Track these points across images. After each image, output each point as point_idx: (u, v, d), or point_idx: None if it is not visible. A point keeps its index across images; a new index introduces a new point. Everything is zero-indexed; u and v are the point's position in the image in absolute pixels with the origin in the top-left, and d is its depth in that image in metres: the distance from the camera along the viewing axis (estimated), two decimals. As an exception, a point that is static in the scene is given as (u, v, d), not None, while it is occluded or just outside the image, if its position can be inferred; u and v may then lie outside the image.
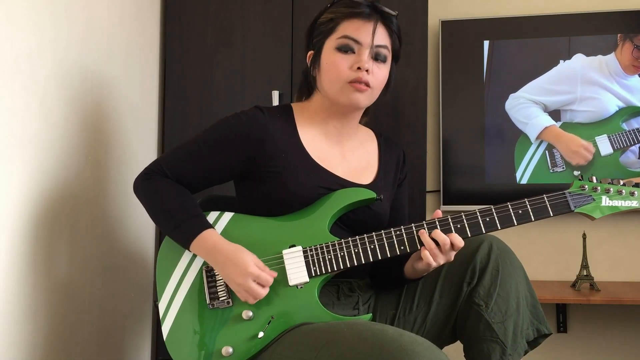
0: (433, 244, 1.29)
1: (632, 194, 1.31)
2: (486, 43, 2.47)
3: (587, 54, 2.39)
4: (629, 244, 2.41)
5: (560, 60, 2.39)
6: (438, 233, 1.29)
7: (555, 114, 2.41)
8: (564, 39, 2.42)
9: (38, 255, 1.52)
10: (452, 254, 1.31)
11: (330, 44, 1.40)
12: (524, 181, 2.41)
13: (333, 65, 1.38)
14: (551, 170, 2.39)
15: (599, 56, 2.38)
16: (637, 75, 2.35)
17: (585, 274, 2.25)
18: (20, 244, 1.45)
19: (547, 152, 2.40)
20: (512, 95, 2.43)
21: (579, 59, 2.39)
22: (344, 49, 1.38)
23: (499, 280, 1.33)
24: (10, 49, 1.41)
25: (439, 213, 1.34)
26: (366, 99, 1.41)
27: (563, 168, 2.38)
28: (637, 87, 2.35)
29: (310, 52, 1.46)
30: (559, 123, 2.40)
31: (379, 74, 1.40)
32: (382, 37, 1.40)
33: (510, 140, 2.43)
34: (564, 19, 2.42)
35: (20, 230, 1.45)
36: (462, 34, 2.49)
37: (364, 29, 1.37)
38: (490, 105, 2.46)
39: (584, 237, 2.26)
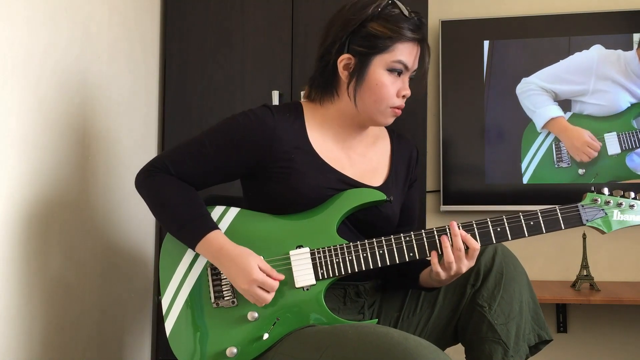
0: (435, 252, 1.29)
1: None
2: (486, 43, 2.47)
3: (607, 46, 2.37)
4: (629, 244, 2.41)
5: (576, 52, 2.36)
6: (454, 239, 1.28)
7: (565, 104, 2.39)
8: (564, 39, 2.42)
9: (36, 256, 1.52)
10: (466, 261, 1.28)
11: (382, 62, 1.34)
12: (528, 175, 2.40)
13: (383, 87, 1.35)
14: (556, 165, 2.39)
15: (619, 50, 2.35)
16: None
17: (585, 274, 2.25)
18: (18, 244, 1.45)
19: (553, 144, 2.39)
20: (524, 80, 2.41)
21: (597, 50, 2.37)
22: (395, 72, 1.36)
23: (503, 283, 1.33)
24: (9, 49, 1.40)
25: (453, 224, 1.31)
26: None
27: (568, 164, 2.38)
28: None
29: (348, 57, 1.36)
30: (569, 114, 2.38)
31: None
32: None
33: (510, 140, 2.43)
34: (564, 19, 2.42)
35: (19, 229, 1.45)
36: (462, 34, 2.49)
37: (413, 54, 1.37)
38: (490, 105, 2.45)
39: (584, 237, 2.26)
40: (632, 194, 1.31)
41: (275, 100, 2.13)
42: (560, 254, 2.44)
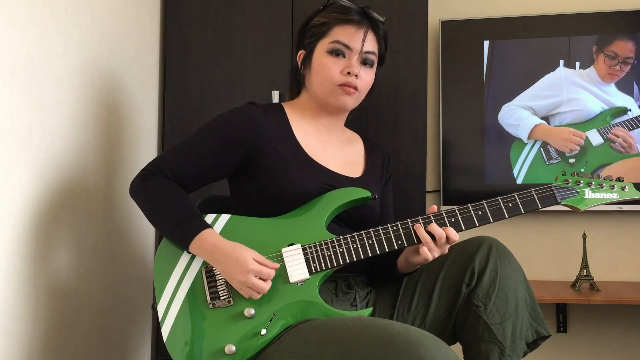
0: (429, 238, 1.32)
1: (612, 187, 1.37)
2: (486, 43, 2.47)
3: (569, 67, 2.43)
4: (629, 244, 2.41)
5: (546, 74, 2.43)
6: (434, 227, 1.32)
7: (545, 120, 2.43)
8: (564, 39, 2.42)
9: (38, 255, 1.52)
10: (447, 247, 1.34)
11: (322, 47, 1.46)
12: (521, 177, 2.42)
13: (324, 68, 1.45)
14: (547, 163, 2.41)
15: (580, 70, 2.42)
16: (613, 84, 2.39)
17: (585, 274, 2.25)
18: (19, 244, 1.46)
19: (541, 149, 2.42)
20: (504, 106, 2.46)
21: (560, 69, 2.43)
22: (335, 53, 1.45)
23: (498, 282, 1.34)
24: (9, 49, 1.41)
25: (434, 208, 1.37)
26: (353, 101, 1.49)
27: (558, 159, 2.41)
28: (615, 93, 2.38)
29: (301, 52, 1.53)
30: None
31: (366, 78, 1.47)
32: (371, 43, 1.47)
33: (510, 140, 2.44)
34: (564, 19, 2.43)
35: (20, 230, 1.46)
36: (462, 34, 2.49)
37: (355, 35, 1.45)
38: (490, 105, 2.46)
39: (584, 237, 2.26)
40: (601, 176, 1.40)
41: (275, 100, 2.14)
42: (560, 254, 2.44)
